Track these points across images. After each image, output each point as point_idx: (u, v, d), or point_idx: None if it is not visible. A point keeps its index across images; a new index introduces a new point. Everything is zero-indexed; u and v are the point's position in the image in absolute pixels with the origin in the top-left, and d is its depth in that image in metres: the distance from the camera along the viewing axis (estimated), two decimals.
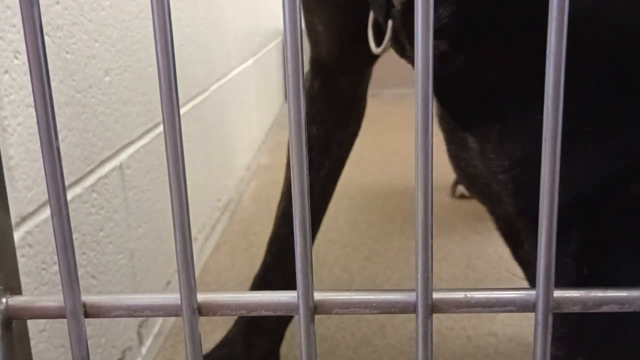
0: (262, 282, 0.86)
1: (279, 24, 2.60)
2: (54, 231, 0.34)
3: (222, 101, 1.51)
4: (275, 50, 2.58)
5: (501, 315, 0.98)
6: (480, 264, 1.21)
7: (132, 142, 0.89)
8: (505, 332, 0.95)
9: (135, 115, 0.90)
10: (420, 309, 0.35)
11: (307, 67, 0.87)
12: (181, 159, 0.33)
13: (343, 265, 1.23)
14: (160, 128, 1.00)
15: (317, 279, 1.17)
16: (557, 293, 0.35)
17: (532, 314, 0.35)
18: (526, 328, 0.96)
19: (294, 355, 0.93)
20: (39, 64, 0.30)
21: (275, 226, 0.86)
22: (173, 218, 0.34)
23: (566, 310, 0.37)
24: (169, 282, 1.03)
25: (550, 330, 0.35)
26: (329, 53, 0.82)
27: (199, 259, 1.24)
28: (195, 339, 0.37)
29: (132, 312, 0.37)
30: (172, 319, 1.02)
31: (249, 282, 0.90)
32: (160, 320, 0.98)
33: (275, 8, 2.51)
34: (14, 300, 0.38)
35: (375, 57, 0.87)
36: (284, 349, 0.90)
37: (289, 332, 0.90)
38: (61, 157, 0.33)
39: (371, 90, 0.90)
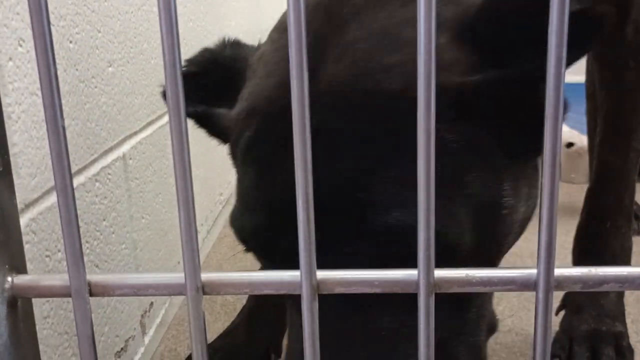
0: None
1: None
2: (59, 209, 0.34)
3: None
4: None
5: (501, 306, 0.98)
6: None
7: (135, 133, 0.89)
8: (505, 323, 0.95)
9: (138, 106, 0.90)
10: (422, 287, 0.35)
11: None
12: (185, 140, 0.33)
13: None
14: (163, 120, 1.00)
15: None
16: (558, 272, 0.35)
17: (532, 309, 0.36)
18: (525, 319, 0.96)
19: None
20: (44, 36, 0.31)
21: None
22: (177, 198, 0.34)
23: (567, 289, 0.38)
24: None
25: (551, 308, 0.36)
26: None
27: (201, 251, 1.25)
28: (199, 318, 0.37)
29: (136, 290, 0.38)
30: (175, 308, 1.03)
31: None
32: (163, 310, 0.98)
33: (277, 4, 2.51)
34: (20, 279, 0.38)
35: None
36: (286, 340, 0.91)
37: None
38: (66, 135, 0.33)
39: None
